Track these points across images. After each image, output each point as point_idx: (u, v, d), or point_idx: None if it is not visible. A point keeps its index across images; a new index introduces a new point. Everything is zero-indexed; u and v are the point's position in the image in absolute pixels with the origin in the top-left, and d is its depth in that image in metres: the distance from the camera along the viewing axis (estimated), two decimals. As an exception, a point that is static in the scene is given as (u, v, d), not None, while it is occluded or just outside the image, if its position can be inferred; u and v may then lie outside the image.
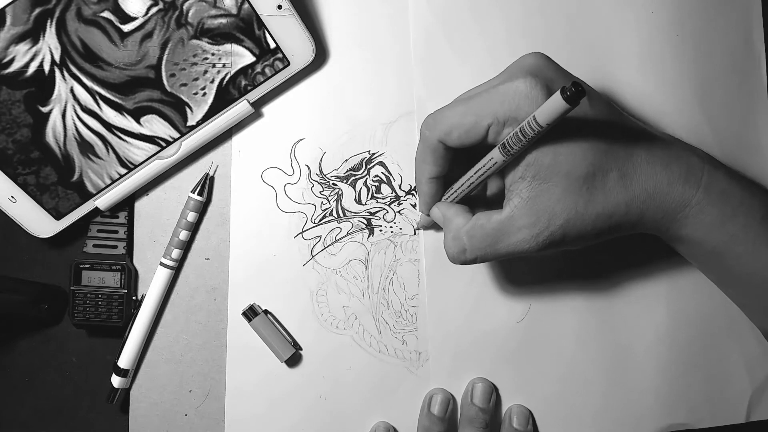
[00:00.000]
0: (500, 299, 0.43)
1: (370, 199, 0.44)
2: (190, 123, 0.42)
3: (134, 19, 0.39)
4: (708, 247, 0.35)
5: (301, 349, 0.43)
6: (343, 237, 0.43)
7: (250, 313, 0.42)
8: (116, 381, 0.42)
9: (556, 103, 0.29)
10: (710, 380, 0.44)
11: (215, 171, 0.44)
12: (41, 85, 0.40)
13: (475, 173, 0.35)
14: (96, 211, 0.43)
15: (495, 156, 0.33)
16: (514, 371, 0.43)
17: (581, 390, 0.43)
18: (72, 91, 0.40)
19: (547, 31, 0.44)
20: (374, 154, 0.44)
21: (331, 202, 0.43)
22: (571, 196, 0.33)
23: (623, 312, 0.44)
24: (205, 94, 0.41)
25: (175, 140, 0.42)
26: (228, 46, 0.40)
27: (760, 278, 0.35)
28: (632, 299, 0.44)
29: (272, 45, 0.41)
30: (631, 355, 0.44)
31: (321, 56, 0.43)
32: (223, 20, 0.40)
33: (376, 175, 0.44)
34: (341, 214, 0.43)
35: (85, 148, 0.41)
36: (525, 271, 0.43)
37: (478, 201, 0.40)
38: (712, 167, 0.35)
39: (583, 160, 0.33)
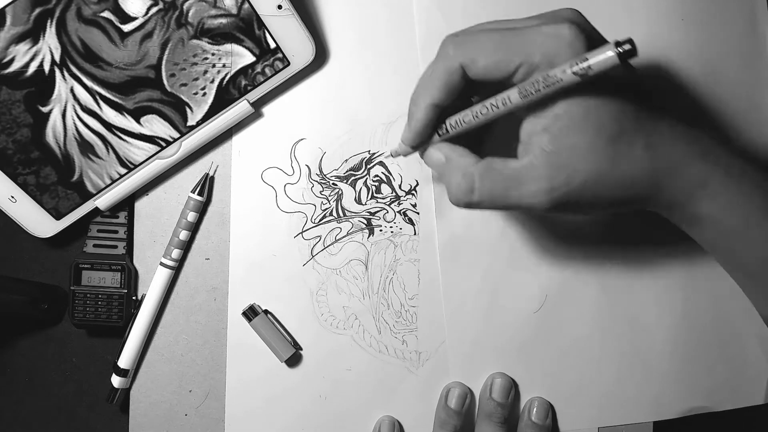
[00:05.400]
0: (516, 290, 0.43)
1: (370, 199, 0.44)
2: (190, 123, 0.42)
3: (134, 19, 0.39)
4: (722, 228, 0.34)
5: (301, 349, 0.43)
6: (343, 237, 0.43)
7: (250, 313, 0.42)
8: (116, 381, 0.42)
9: (605, 55, 0.27)
10: (728, 363, 0.44)
11: (215, 171, 0.44)
12: (41, 85, 0.40)
13: (481, 109, 0.33)
14: (96, 211, 0.43)
15: (512, 96, 0.31)
16: (530, 361, 0.43)
17: (600, 377, 0.44)
18: (72, 91, 0.40)
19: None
20: (374, 154, 0.44)
21: (331, 202, 0.43)
22: (596, 156, 0.31)
23: (639, 297, 0.44)
24: (205, 94, 0.41)
25: (175, 140, 0.42)
26: (228, 46, 0.40)
27: None
28: (648, 284, 0.44)
29: (272, 45, 0.41)
30: (649, 341, 0.44)
31: (321, 56, 0.43)
32: (223, 20, 0.40)
33: (376, 175, 0.44)
34: (341, 214, 0.43)
35: (85, 148, 0.41)
36: (540, 260, 0.43)
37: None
38: (729, 150, 0.35)
39: (614, 122, 0.31)
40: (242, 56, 0.41)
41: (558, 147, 0.31)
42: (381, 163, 0.44)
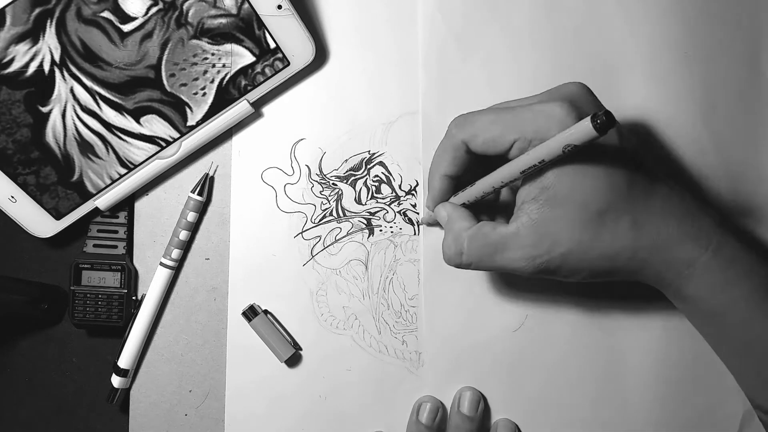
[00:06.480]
0: (497, 307, 0.43)
1: (370, 199, 0.44)
2: (190, 123, 0.42)
3: (134, 19, 0.39)
4: (708, 309, 0.35)
5: (301, 349, 0.43)
6: (343, 237, 0.43)
7: (250, 313, 0.42)
8: (116, 381, 0.42)
9: (583, 128, 0.28)
10: (703, 397, 0.43)
11: (215, 171, 0.44)
12: (41, 85, 0.40)
13: (487, 182, 0.35)
14: (96, 211, 0.43)
15: (508, 169, 0.33)
16: (507, 380, 0.43)
17: (574, 402, 0.43)
18: (72, 91, 0.40)
19: (556, 38, 0.43)
20: (374, 154, 0.44)
21: (331, 202, 0.43)
22: (579, 228, 0.33)
23: (619, 323, 0.43)
24: (205, 94, 0.41)
25: (175, 140, 0.42)
26: (228, 46, 0.40)
27: (756, 347, 0.34)
28: (628, 311, 0.43)
29: (272, 45, 0.41)
30: (625, 370, 0.43)
31: (321, 56, 0.43)
32: (223, 20, 0.40)
33: (376, 175, 0.44)
34: (341, 214, 0.43)
35: (85, 148, 0.41)
36: (524, 280, 0.43)
37: (483, 207, 0.40)
38: (724, 231, 0.35)
39: (600, 197, 0.32)
40: (242, 56, 0.41)
41: (542, 217, 0.33)
42: (381, 163, 0.44)
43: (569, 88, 0.34)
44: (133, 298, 0.43)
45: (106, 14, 0.39)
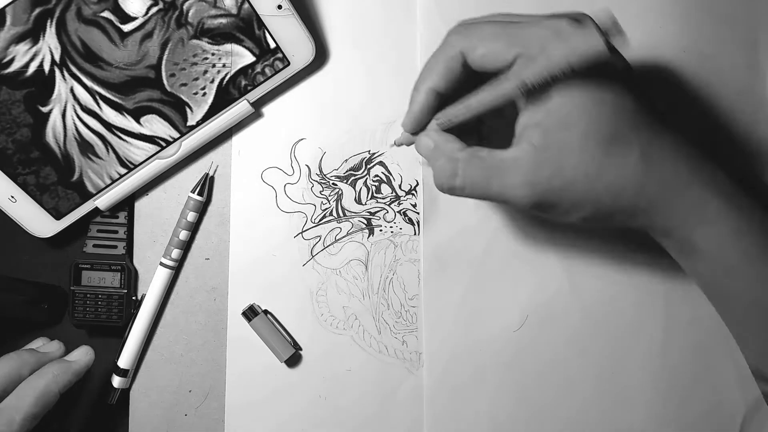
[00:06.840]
0: (497, 307, 0.43)
1: (370, 199, 0.44)
2: (190, 123, 0.42)
3: (134, 19, 0.39)
4: (716, 260, 0.32)
5: (300, 349, 0.43)
6: (343, 237, 0.43)
7: (250, 313, 0.42)
8: (116, 381, 0.42)
9: (593, 41, 0.27)
10: (704, 397, 0.43)
11: (215, 171, 0.44)
12: (41, 85, 0.40)
13: (480, 98, 0.32)
14: (96, 211, 0.43)
15: (507, 84, 0.31)
16: (508, 380, 0.43)
17: (574, 402, 0.43)
18: (72, 91, 0.40)
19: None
20: (374, 154, 0.44)
21: (331, 202, 0.43)
22: (585, 156, 0.30)
23: (620, 324, 0.43)
24: (205, 94, 0.41)
25: (175, 140, 0.42)
26: (228, 46, 0.40)
27: (765, 307, 0.32)
28: (629, 312, 0.43)
29: (272, 45, 0.41)
30: (626, 370, 0.43)
31: (321, 56, 0.43)
32: (223, 20, 0.40)
33: (376, 175, 0.44)
34: (341, 214, 0.43)
35: (85, 148, 0.41)
36: (524, 278, 0.43)
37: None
38: (736, 184, 0.33)
39: (608, 124, 0.30)
40: (242, 56, 0.41)
41: (547, 143, 0.31)
42: (381, 163, 0.44)
43: (577, 14, 0.32)
44: (133, 298, 0.43)
45: (106, 14, 0.39)
